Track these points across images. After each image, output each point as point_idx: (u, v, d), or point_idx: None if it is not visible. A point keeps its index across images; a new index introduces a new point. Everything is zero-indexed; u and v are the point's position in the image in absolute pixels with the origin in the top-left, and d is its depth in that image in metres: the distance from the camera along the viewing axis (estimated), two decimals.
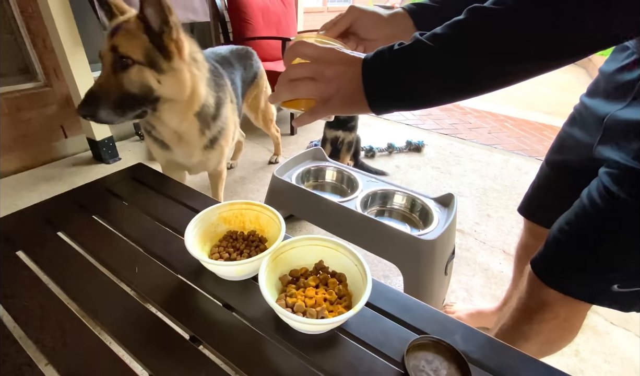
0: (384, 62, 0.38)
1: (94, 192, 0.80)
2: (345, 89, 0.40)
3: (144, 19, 0.79)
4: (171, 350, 0.47)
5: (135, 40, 0.79)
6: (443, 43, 0.36)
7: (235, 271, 0.55)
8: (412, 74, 0.38)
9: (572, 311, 0.60)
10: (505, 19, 0.32)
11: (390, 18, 0.53)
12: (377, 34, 0.53)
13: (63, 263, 0.60)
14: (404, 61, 0.37)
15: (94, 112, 0.81)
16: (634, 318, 1.21)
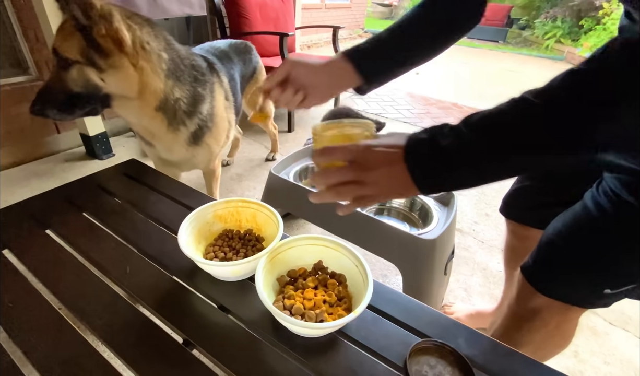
0: (432, 163, 0.38)
1: (85, 188, 0.78)
2: (393, 186, 0.41)
3: (73, 17, 0.76)
4: (163, 355, 0.45)
5: (70, 39, 0.76)
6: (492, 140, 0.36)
7: (231, 271, 0.53)
8: (468, 173, 0.38)
9: (562, 318, 0.59)
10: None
11: (325, 66, 0.55)
12: (314, 81, 0.55)
13: (51, 262, 0.57)
14: (458, 161, 0.37)
15: (43, 110, 0.80)
16: (633, 319, 1.20)
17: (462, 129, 0.37)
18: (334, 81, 0.57)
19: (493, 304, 1.08)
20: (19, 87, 1.67)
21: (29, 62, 1.71)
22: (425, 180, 0.39)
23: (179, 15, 1.95)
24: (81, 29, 0.76)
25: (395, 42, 0.56)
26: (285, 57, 2.19)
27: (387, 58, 0.56)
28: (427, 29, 0.56)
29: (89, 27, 0.76)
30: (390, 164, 0.40)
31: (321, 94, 0.57)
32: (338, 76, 0.56)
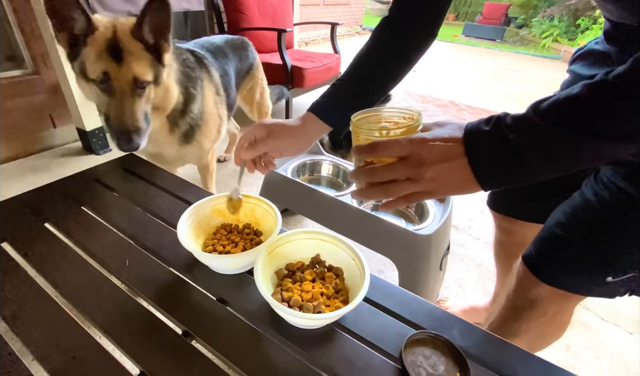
0: (500, 158, 0.35)
1: (83, 182, 0.78)
2: (450, 183, 0.38)
3: (142, 39, 0.79)
4: (163, 345, 0.46)
5: (144, 62, 0.80)
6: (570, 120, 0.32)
7: (230, 264, 0.54)
8: (544, 166, 0.34)
9: (560, 307, 0.61)
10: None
11: (302, 125, 0.57)
12: (293, 142, 0.58)
13: (50, 255, 0.58)
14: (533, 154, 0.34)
15: (139, 144, 0.82)
16: (623, 314, 1.23)
17: (532, 117, 0.34)
18: (311, 137, 0.59)
19: (487, 299, 1.10)
20: (15, 81, 1.66)
21: (25, 56, 1.70)
22: (490, 176, 0.36)
23: (177, 10, 1.95)
24: (149, 49, 0.81)
25: (352, 86, 0.59)
26: (284, 55, 2.19)
27: (348, 105, 0.57)
28: (383, 61, 0.58)
29: (160, 47, 0.83)
30: (449, 159, 0.37)
31: (298, 150, 0.60)
32: (313, 132, 0.59)
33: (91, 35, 0.75)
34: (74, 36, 0.76)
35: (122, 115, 0.79)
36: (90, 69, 0.77)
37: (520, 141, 0.33)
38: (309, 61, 2.39)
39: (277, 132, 0.55)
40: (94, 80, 0.78)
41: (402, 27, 0.57)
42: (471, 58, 5.90)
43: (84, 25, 0.75)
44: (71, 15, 0.73)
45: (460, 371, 0.43)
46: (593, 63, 0.56)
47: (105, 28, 0.77)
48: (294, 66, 2.24)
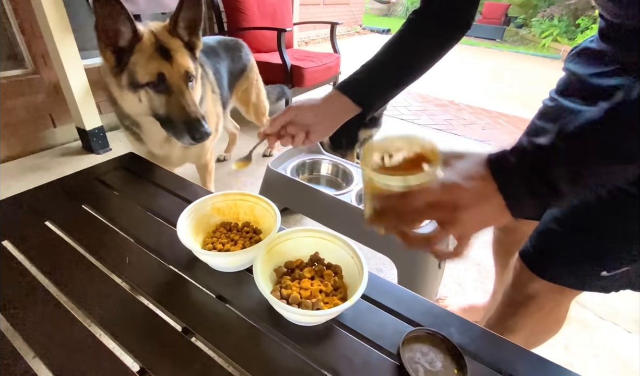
0: (537, 192, 0.34)
1: (84, 181, 0.78)
2: (484, 220, 0.36)
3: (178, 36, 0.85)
4: (163, 343, 0.46)
5: (189, 59, 0.86)
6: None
7: (229, 262, 0.54)
8: (578, 193, 0.34)
9: (556, 302, 0.61)
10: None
11: (324, 104, 0.57)
12: (316, 119, 0.57)
13: (51, 253, 0.58)
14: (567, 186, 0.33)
15: (209, 131, 0.85)
16: (622, 313, 1.23)
17: (562, 147, 0.33)
18: (335, 116, 0.58)
19: (486, 298, 1.10)
20: (15, 80, 1.67)
21: (25, 55, 1.70)
22: (524, 208, 0.35)
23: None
24: (190, 48, 0.87)
25: (386, 67, 0.58)
26: (284, 54, 2.19)
27: (380, 84, 0.58)
28: (415, 48, 0.58)
29: (194, 44, 0.89)
30: (483, 200, 0.35)
31: (324, 130, 0.59)
32: (338, 111, 0.58)
33: (138, 43, 0.78)
34: (118, 49, 0.78)
35: (187, 106, 0.83)
36: (144, 73, 0.79)
37: (556, 175, 0.33)
38: (309, 61, 2.39)
39: (298, 104, 0.57)
40: (149, 84, 0.80)
41: (434, 22, 0.57)
42: (471, 58, 5.90)
43: (131, 36, 0.77)
44: (118, 29, 0.76)
45: (457, 367, 0.44)
46: (588, 61, 0.57)
47: (147, 34, 0.80)
48: (293, 65, 2.24)
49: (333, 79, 2.78)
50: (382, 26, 8.15)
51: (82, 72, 1.67)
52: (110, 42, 0.77)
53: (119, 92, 0.83)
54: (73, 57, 1.62)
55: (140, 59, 0.79)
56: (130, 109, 0.86)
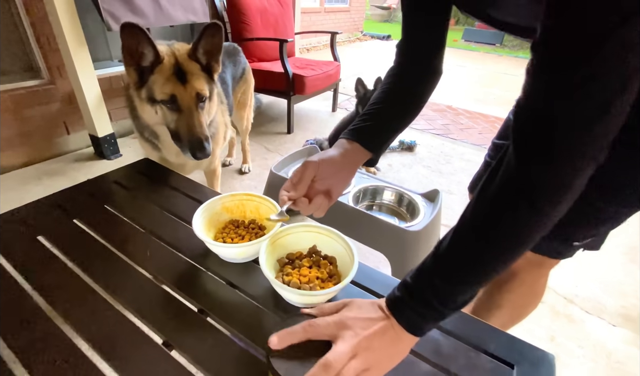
0: (423, 315, 0.40)
1: (104, 184, 0.87)
2: (392, 354, 0.42)
3: (197, 60, 0.94)
4: (182, 321, 0.54)
5: (203, 81, 0.94)
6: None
7: (238, 253, 0.62)
8: (456, 308, 0.41)
9: (535, 276, 0.70)
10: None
11: (341, 155, 0.57)
12: (339, 175, 0.58)
13: (81, 246, 0.66)
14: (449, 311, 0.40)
15: (210, 150, 0.94)
16: (608, 308, 1.29)
17: (439, 284, 0.39)
18: (352, 167, 0.60)
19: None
20: (32, 90, 1.77)
21: (42, 67, 1.80)
22: (430, 327, 0.42)
23: (184, 22, 2.05)
24: (204, 69, 0.94)
25: (387, 115, 0.61)
26: (286, 63, 2.28)
27: (385, 131, 0.61)
28: (404, 96, 0.62)
29: (212, 68, 0.97)
30: (391, 342, 0.41)
31: (344, 184, 0.60)
32: (354, 161, 0.59)
33: (159, 65, 0.87)
34: (141, 67, 0.88)
35: (193, 127, 0.91)
36: (159, 92, 0.88)
37: (434, 300, 0.39)
38: (310, 69, 2.49)
39: (317, 160, 0.55)
40: (162, 101, 0.89)
41: (409, 75, 0.62)
42: (470, 62, 5.99)
43: (153, 58, 0.87)
44: (142, 51, 0.85)
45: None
46: None
47: (168, 56, 0.89)
48: (295, 73, 2.33)
49: (333, 86, 2.88)
50: (383, 32, 8.25)
51: (96, 82, 1.77)
52: (134, 62, 0.87)
53: (139, 103, 0.93)
54: (87, 69, 1.72)
55: (158, 79, 0.88)
56: (148, 119, 0.96)
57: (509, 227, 0.37)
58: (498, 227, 0.37)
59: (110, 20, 1.63)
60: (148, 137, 1.05)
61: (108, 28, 1.64)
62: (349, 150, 0.59)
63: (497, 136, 0.79)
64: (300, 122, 2.76)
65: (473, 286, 0.40)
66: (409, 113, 0.64)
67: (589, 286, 1.38)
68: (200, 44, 0.92)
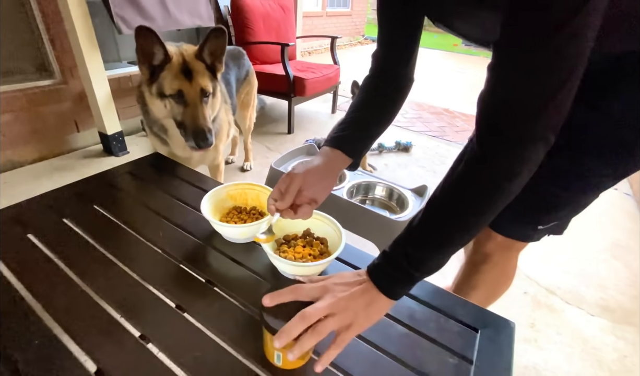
0: (397, 279, 0.47)
1: (119, 175, 0.95)
2: (365, 307, 0.47)
3: (203, 60, 1.04)
4: (192, 289, 0.62)
5: (207, 78, 1.04)
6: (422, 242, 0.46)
7: (240, 232, 0.70)
8: (426, 272, 0.48)
9: (506, 258, 0.78)
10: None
11: (324, 163, 0.61)
12: (320, 181, 0.60)
13: (100, 228, 0.75)
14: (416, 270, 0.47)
15: (212, 141, 1.04)
16: (587, 299, 1.37)
17: (411, 253, 0.46)
18: (335, 173, 0.63)
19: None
20: (45, 90, 1.86)
21: (55, 67, 1.89)
22: (405, 291, 0.49)
23: (190, 26, 2.14)
24: (208, 68, 1.04)
25: (365, 122, 0.66)
26: (287, 66, 2.38)
27: (363, 137, 0.65)
28: (379, 104, 0.66)
29: (216, 68, 1.07)
30: (369, 300, 0.47)
31: (328, 189, 0.62)
32: (336, 167, 0.63)
33: (168, 63, 0.97)
34: (152, 65, 0.98)
35: (197, 119, 1.01)
36: (168, 87, 0.99)
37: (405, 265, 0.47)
38: (310, 72, 2.58)
39: (301, 171, 0.58)
40: (170, 96, 1.00)
41: (383, 83, 0.66)
42: (469, 67, 6.08)
43: (162, 57, 0.97)
44: (152, 51, 0.95)
45: None
46: None
47: (176, 56, 0.99)
48: (296, 76, 2.43)
49: (333, 89, 2.96)
50: None
51: (106, 82, 1.86)
52: (146, 60, 0.97)
53: (150, 98, 1.03)
54: (98, 69, 1.81)
55: (168, 76, 0.98)
56: (158, 112, 1.05)
57: (472, 199, 0.44)
58: (463, 199, 0.45)
59: (121, 24, 1.73)
60: (157, 132, 1.14)
61: (119, 31, 1.73)
62: (332, 158, 0.62)
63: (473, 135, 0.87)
64: (300, 123, 2.85)
65: (440, 253, 0.47)
66: (384, 120, 0.68)
67: (570, 279, 1.46)
68: (205, 46, 1.02)
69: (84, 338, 0.52)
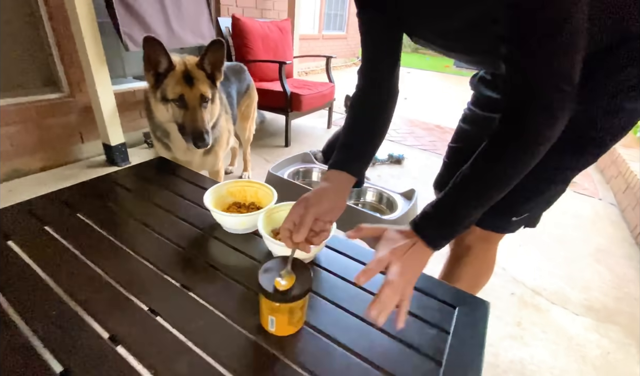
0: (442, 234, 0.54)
1: (128, 176, 1.02)
2: (423, 264, 0.54)
3: (204, 69, 1.15)
4: (196, 271, 0.68)
5: (206, 85, 1.15)
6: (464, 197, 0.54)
7: (240, 222, 0.77)
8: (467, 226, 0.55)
9: (485, 250, 0.85)
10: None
11: (334, 189, 0.62)
12: (332, 208, 0.61)
13: (113, 220, 0.81)
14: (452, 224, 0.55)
15: (209, 142, 1.14)
16: (572, 299, 1.42)
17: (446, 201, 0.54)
18: (344, 196, 0.64)
19: None
20: (53, 103, 1.95)
21: (63, 82, 1.99)
22: (446, 242, 0.55)
23: (193, 45, 2.27)
24: (208, 76, 1.15)
25: (362, 142, 0.68)
26: (284, 83, 2.49)
27: (363, 155, 0.68)
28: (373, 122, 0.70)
29: (215, 76, 1.18)
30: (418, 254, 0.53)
31: (338, 213, 0.64)
32: (344, 190, 0.65)
33: (172, 71, 1.08)
34: (157, 73, 1.09)
35: (196, 121, 1.11)
36: (171, 92, 1.09)
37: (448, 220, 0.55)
38: (306, 89, 2.70)
39: (313, 201, 0.59)
40: (173, 100, 1.10)
41: (371, 98, 0.70)
42: (459, 87, 6.30)
43: (167, 65, 1.08)
44: (158, 60, 1.06)
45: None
46: (484, 85, 0.81)
47: (179, 64, 1.10)
48: (292, 92, 2.54)
49: (328, 105, 3.08)
50: None
51: (112, 96, 1.96)
52: (152, 68, 1.07)
53: (154, 103, 1.13)
54: (105, 84, 1.91)
55: (170, 82, 1.09)
56: (161, 116, 1.15)
57: (508, 161, 0.51)
58: (500, 160, 0.52)
59: (128, 41, 1.84)
60: (160, 136, 1.23)
61: (126, 48, 1.84)
62: (340, 181, 0.64)
63: (452, 141, 0.93)
64: (297, 137, 2.95)
65: (481, 209, 0.54)
66: (380, 133, 0.71)
67: (556, 281, 1.52)
68: (206, 57, 1.13)
69: (97, 310, 0.58)
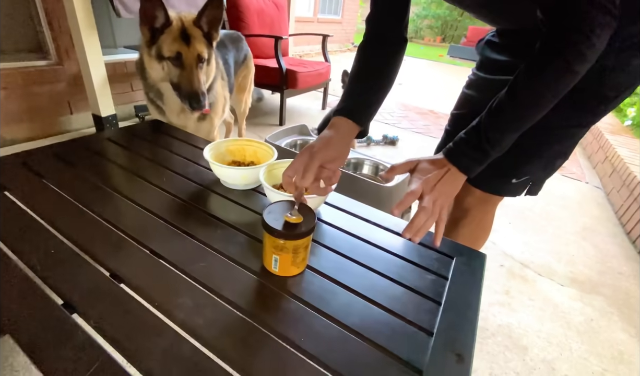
0: (476, 159, 0.57)
1: (125, 135, 1.00)
2: (456, 187, 0.59)
3: (200, 27, 1.11)
4: (198, 219, 0.68)
5: (203, 45, 1.11)
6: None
7: (241, 175, 0.77)
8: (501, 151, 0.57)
9: (484, 213, 0.86)
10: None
11: (338, 135, 0.62)
12: (337, 154, 0.61)
13: (113, 175, 0.80)
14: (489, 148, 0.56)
15: (205, 104, 1.11)
16: (557, 272, 1.47)
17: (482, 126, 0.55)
18: (348, 143, 0.64)
19: None
20: (40, 70, 1.88)
21: (51, 48, 1.92)
22: (477, 170, 0.57)
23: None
24: (205, 36, 1.11)
25: (367, 90, 0.67)
26: (280, 59, 2.45)
27: (370, 105, 0.67)
28: (377, 68, 0.69)
29: (212, 36, 1.14)
30: (450, 179, 0.57)
31: (344, 160, 0.63)
32: (348, 137, 0.64)
33: (169, 26, 1.04)
34: (153, 28, 1.04)
35: (192, 82, 1.08)
36: (167, 50, 1.05)
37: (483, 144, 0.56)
38: (302, 67, 2.67)
39: (318, 146, 0.59)
40: (169, 58, 1.06)
41: (379, 46, 0.69)
42: (453, 75, 6.32)
43: (163, 21, 1.03)
44: (155, 14, 1.02)
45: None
46: (491, 49, 0.82)
47: (176, 21, 1.06)
48: (288, 69, 2.51)
49: (324, 85, 3.06)
50: None
51: (102, 64, 1.89)
52: (148, 22, 1.03)
53: (148, 59, 1.09)
54: (95, 51, 1.84)
55: (167, 38, 1.05)
56: (155, 75, 1.11)
57: (549, 78, 0.50)
58: (541, 77, 0.50)
59: (120, 7, 1.77)
60: (153, 98, 1.20)
61: (117, 14, 1.78)
62: (345, 128, 0.63)
63: (455, 108, 0.94)
64: (292, 117, 2.92)
65: (516, 133, 0.55)
66: (386, 83, 0.69)
67: (543, 255, 1.57)
68: (203, 14, 1.09)
69: (98, 251, 0.57)
